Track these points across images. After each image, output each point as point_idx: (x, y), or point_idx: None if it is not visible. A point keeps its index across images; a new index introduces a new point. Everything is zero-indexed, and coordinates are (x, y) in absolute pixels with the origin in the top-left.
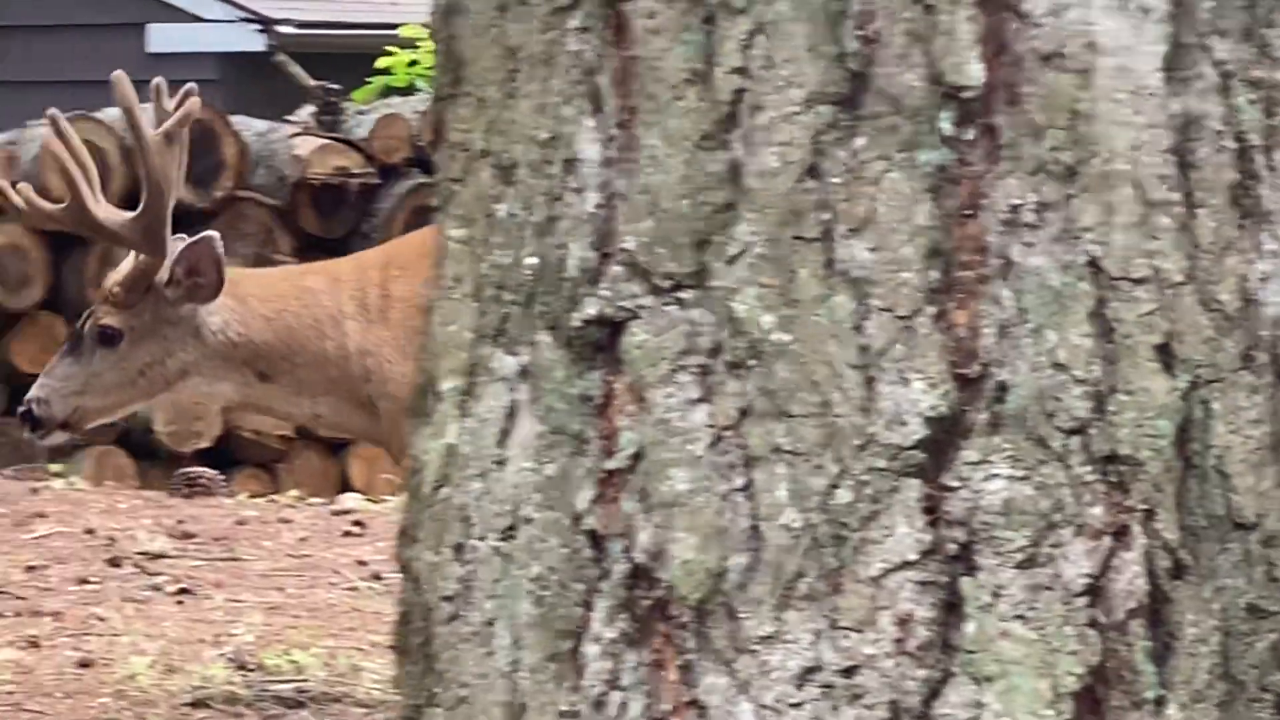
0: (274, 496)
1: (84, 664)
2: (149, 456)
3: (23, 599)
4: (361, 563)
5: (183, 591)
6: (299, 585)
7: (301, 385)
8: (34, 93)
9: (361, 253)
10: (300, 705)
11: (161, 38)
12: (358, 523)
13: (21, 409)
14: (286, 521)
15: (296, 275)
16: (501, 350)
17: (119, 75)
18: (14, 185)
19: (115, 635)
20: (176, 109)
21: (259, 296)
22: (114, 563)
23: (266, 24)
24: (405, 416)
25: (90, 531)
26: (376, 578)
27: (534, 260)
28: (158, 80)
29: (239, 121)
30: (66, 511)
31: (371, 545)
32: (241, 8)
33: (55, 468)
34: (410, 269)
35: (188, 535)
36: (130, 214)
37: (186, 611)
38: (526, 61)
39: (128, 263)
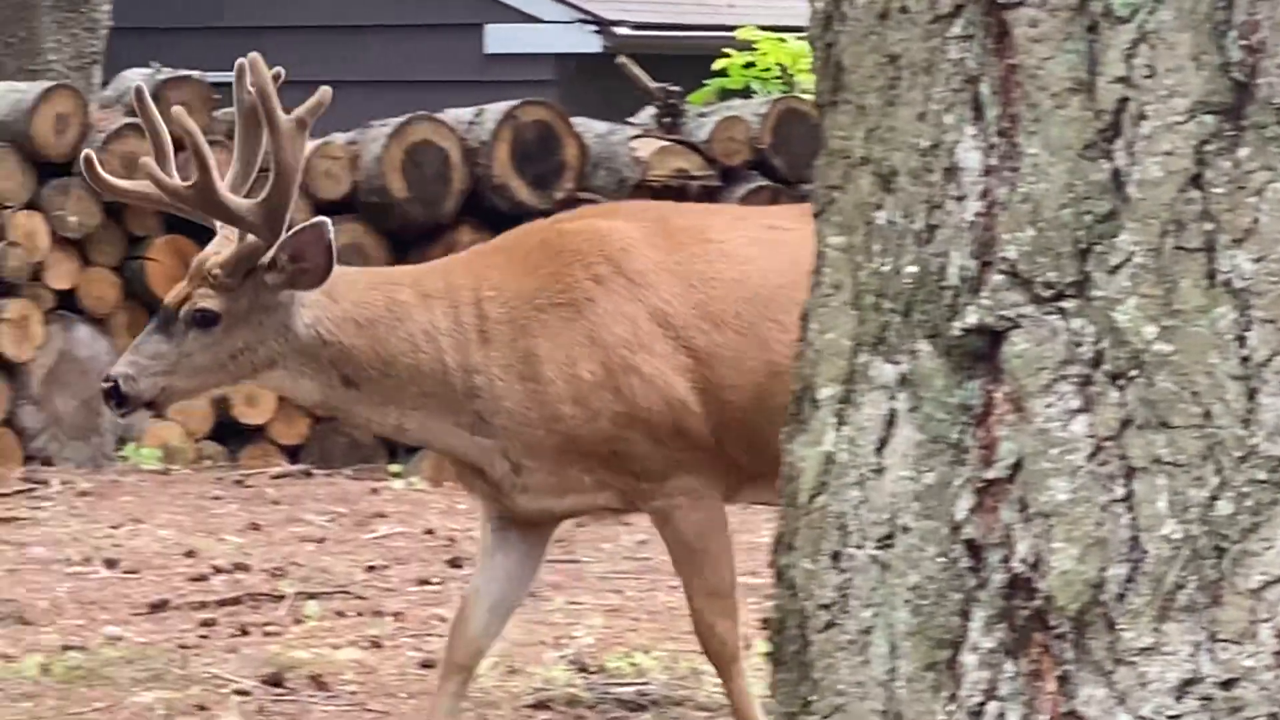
0: None
1: (426, 664)
2: None
3: (364, 599)
4: None
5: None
6: (639, 588)
7: (389, 396)
8: (374, 93)
9: (446, 265)
10: (641, 709)
11: (499, 39)
12: None
13: (106, 384)
14: (625, 524)
15: (387, 285)
16: (880, 358)
17: (254, 57)
18: (355, 183)
19: None
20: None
21: (352, 300)
22: (454, 563)
23: (603, 25)
24: (525, 435)
25: (430, 532)
26: None
27: (914, 268)
28: (252, 56)
29: (579, 123)
30: (406, 512)
31: None
32: (579, 9)
33: (395, 468)
34: (502, 290)
35: None
36: (252, 200)
37: (526, 614)
38: (907, 69)
39: (228, 244)
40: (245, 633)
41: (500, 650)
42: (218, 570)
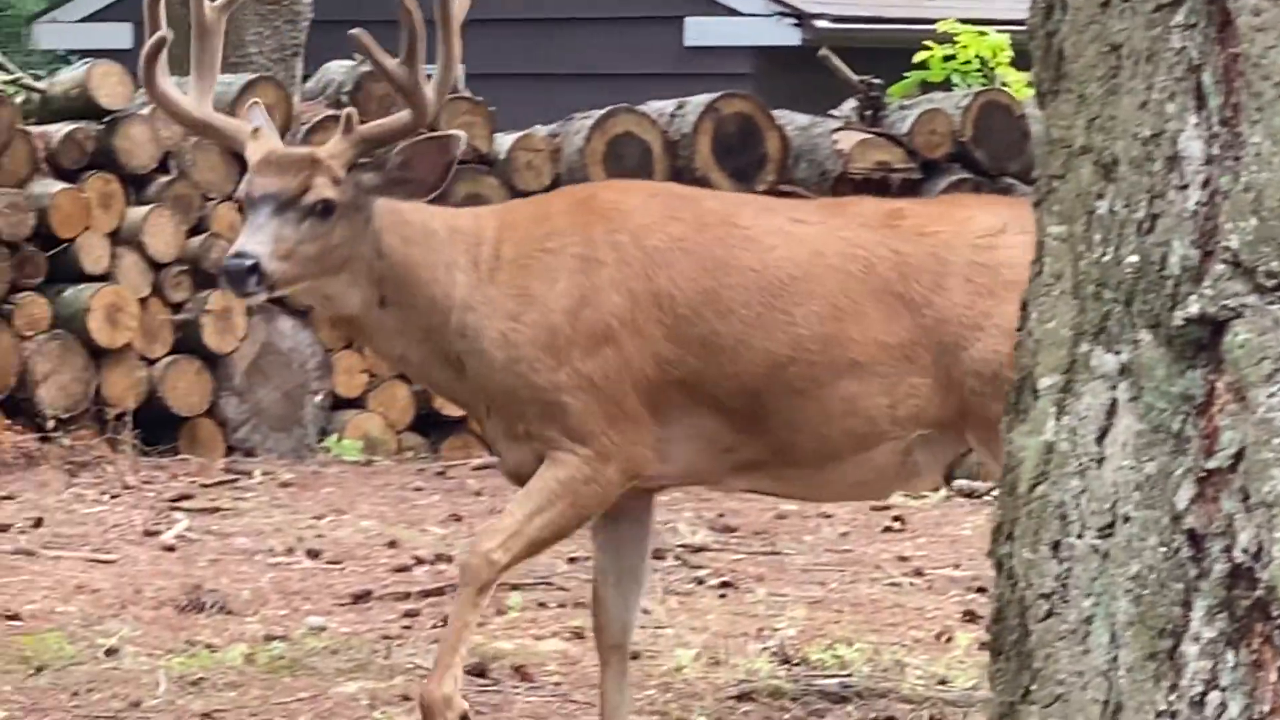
0: None
1: (630, 656)
2: None
3: (566, 590)
4: (903, 558)
5: (725, 585)
6: (841, 580)
7: (405, 324)
8: (575, 86)
9: (481, 209)
10: (844, 700)
11: (698, 31)
12: (898, 518)
13: (243, 260)
14: (827, 516)
15: (426, 214)
16: (1101, 348)
17: (359, 31)
18: (557, 175)
19: (660, 628)
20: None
21: (405, 220)
22: (657, 555)
23: (803, 18)
24: (496, 379)
25: None
26: (918, 574)
27: (1135, 258)
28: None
29: (781, 115)
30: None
31: (912, 541)
32: (778, 1)
33: None
34: (521, 231)
35: (729, 529)
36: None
37: (729, 605)
38: (1129, 58)
39: (336, 139)
40: (448, 623)
41: (702, 642)
42: (420, 561)
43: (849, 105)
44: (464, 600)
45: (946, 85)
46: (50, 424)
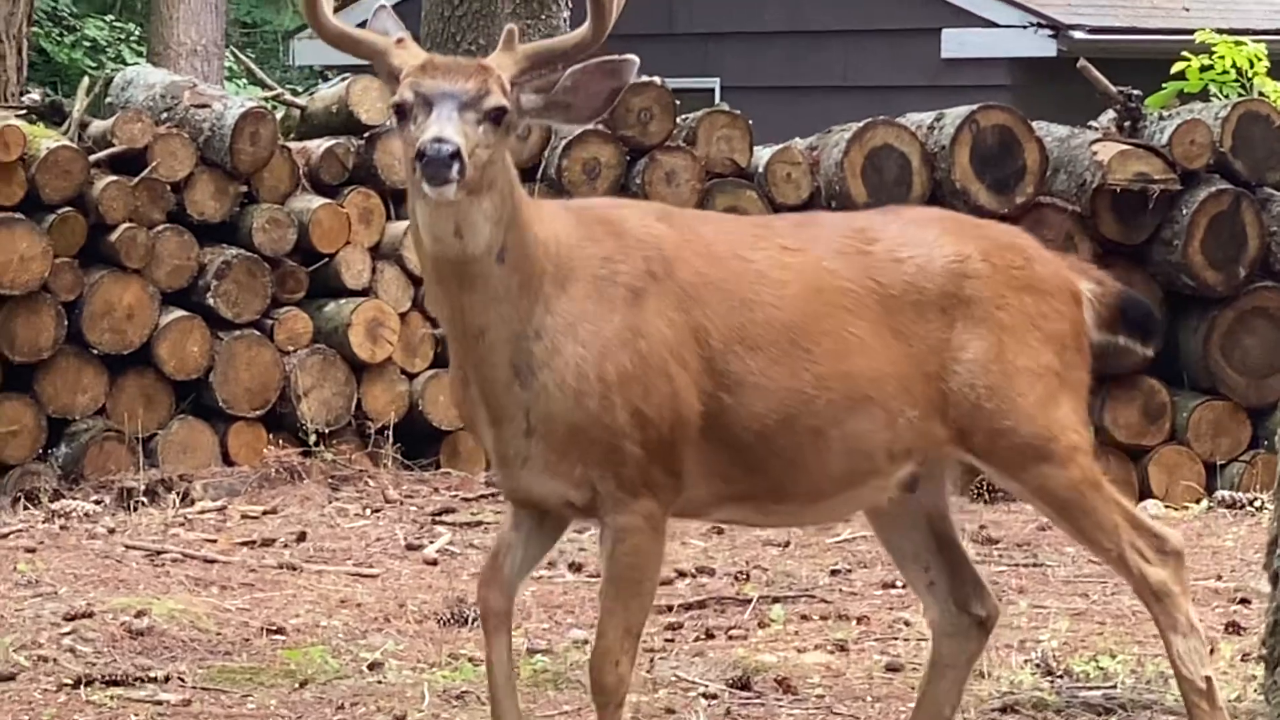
0: None
1: (892, 668)
2: None
3: (828, 602)
4: None
5: None
6: (1103, 592)
7: (507, 292)
8: (833, 98)
9: (582, 211)
10: (1109, 712)
11: (956, 43)
12: None
13: (434, 145)
14: None
15: (538, 207)
16: None
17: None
18: (816, 188)
19: (921, 640)
20: None
21: (529, 209)
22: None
23: (1059, 29)
24: (566, 406)
25: None
26: None
27: None
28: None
29: (1039, 127)
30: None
31: None
32: (1035, 13)
33: None
34: (567, 240)
35: (991, 541)
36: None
37: None
38: None
39: (505, 53)
40: (711, 636)
41: None
42: (682, 574)
43: (1107, 116)
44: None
45: (1204, 95)
46: (312, 439)
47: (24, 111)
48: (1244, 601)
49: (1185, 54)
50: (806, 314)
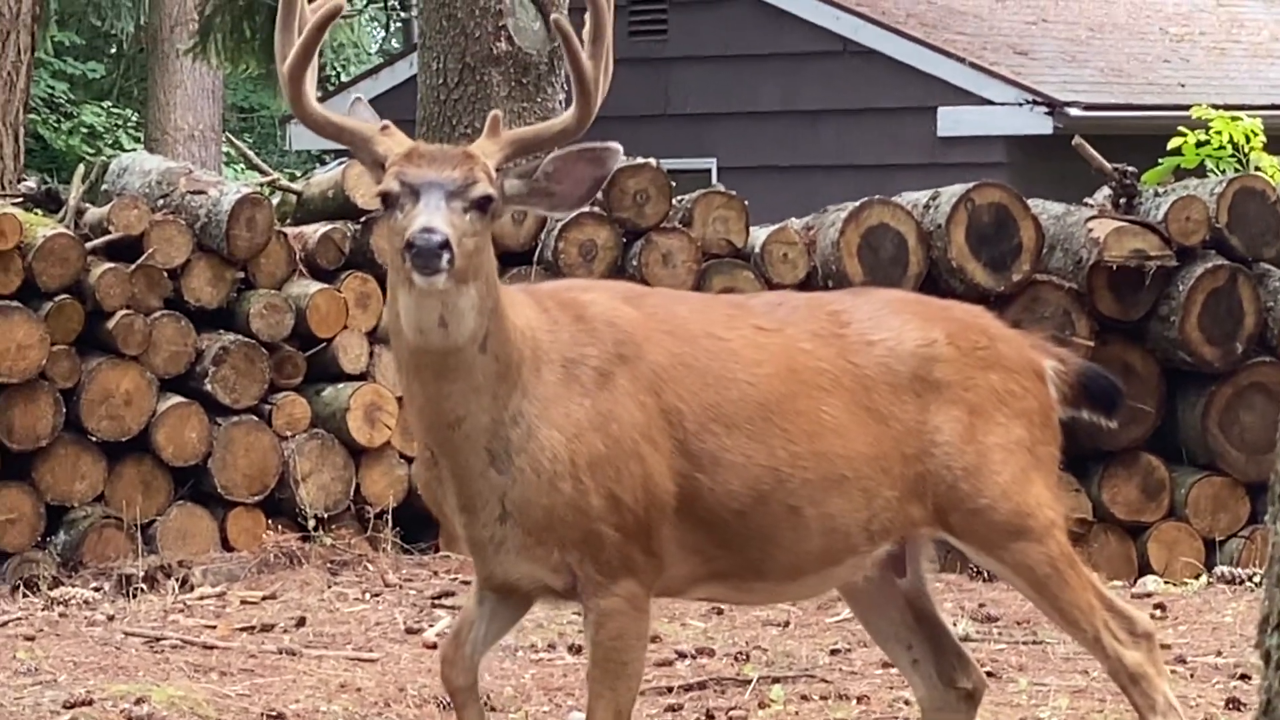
0: None
1: None
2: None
3: (828, 682)
4: (1164, 646)
5: (988, 675)
6: (1103, 669)
7: (485, 380)
8: (829, 177)
9: (548, 295)
10: None
11: (951, 121)
12: (1159, 606)
13: (423, 236)
14: None
15: (509, 293)
16: None
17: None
18: (812, 268)
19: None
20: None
21: (504, 296)
22: None
23: (1055, 106)
24: (540, 489)
25: None
26: (1181, 661)
27: None
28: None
29: (1035, 204)
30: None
31: (1174, 628)
32: (1030, 90)
33: None
34: (541, 327)
35: (990, 619)
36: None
37: (992, 695)
38: None
39: (488, 140)
40: (711, 717)
41: None
42: (682, 655)
43: (1103, 193)
44: None
45: (1201, 171)
46: (311, 523)
47: (20, 199)
48: (1244, 677)
49: (1181, 129)
50: (782, 393)
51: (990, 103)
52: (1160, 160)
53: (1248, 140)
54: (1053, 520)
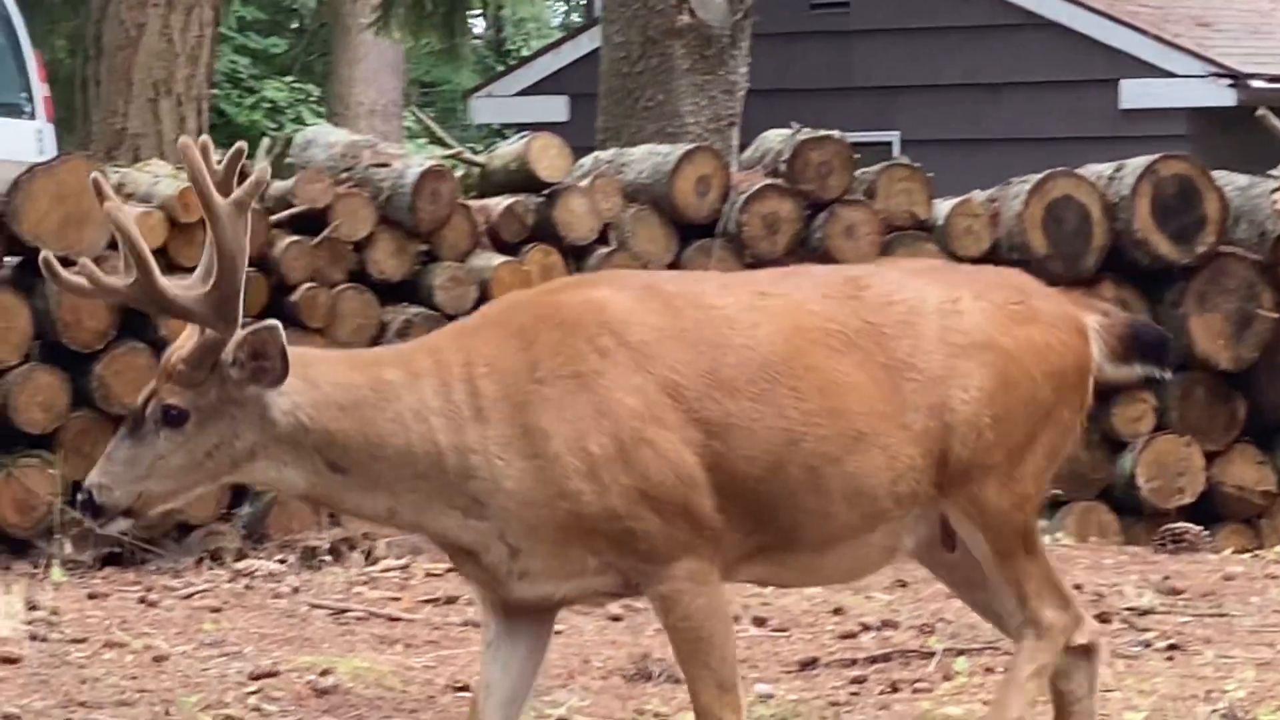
0: (1259, 552)
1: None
2: (1131, 512)
3: (1012, 655)
4: None
5: (1172, 648)
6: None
7: (379, 480)
8: (1012, 150)
9: (433, 342)
10: None
11: (1134, 94)
12: None
13: (81, 496)
14: (1273, 577)
15: (372, 365)
16: None
17: (185, 142)
18: (996, 240)
19: (1108, 691)
20: (230, 174)
21: (333, 383)
22: (1102, 618)
23: (1238, 79)
24: (540, 515)
25: (1078, 587)
26: None
27: None
28: (183, 141)
29: (1220, 176)
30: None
31: None
32: (1213, 63)
33: (1040, 523)
34: (499, 366)
35: (1175, 591)
36: (200, 289)
37: (1176, 668)
38: None
39: (191, 338)
40: (895, 689)
41: (1150, 705)
42: (866, 628)
43: None
44: None
45: None
46: None
47: None
48: None
49: None
50: (786, 352)
51: (1173, 75)
52: None
53: None
54: (1030, 495)
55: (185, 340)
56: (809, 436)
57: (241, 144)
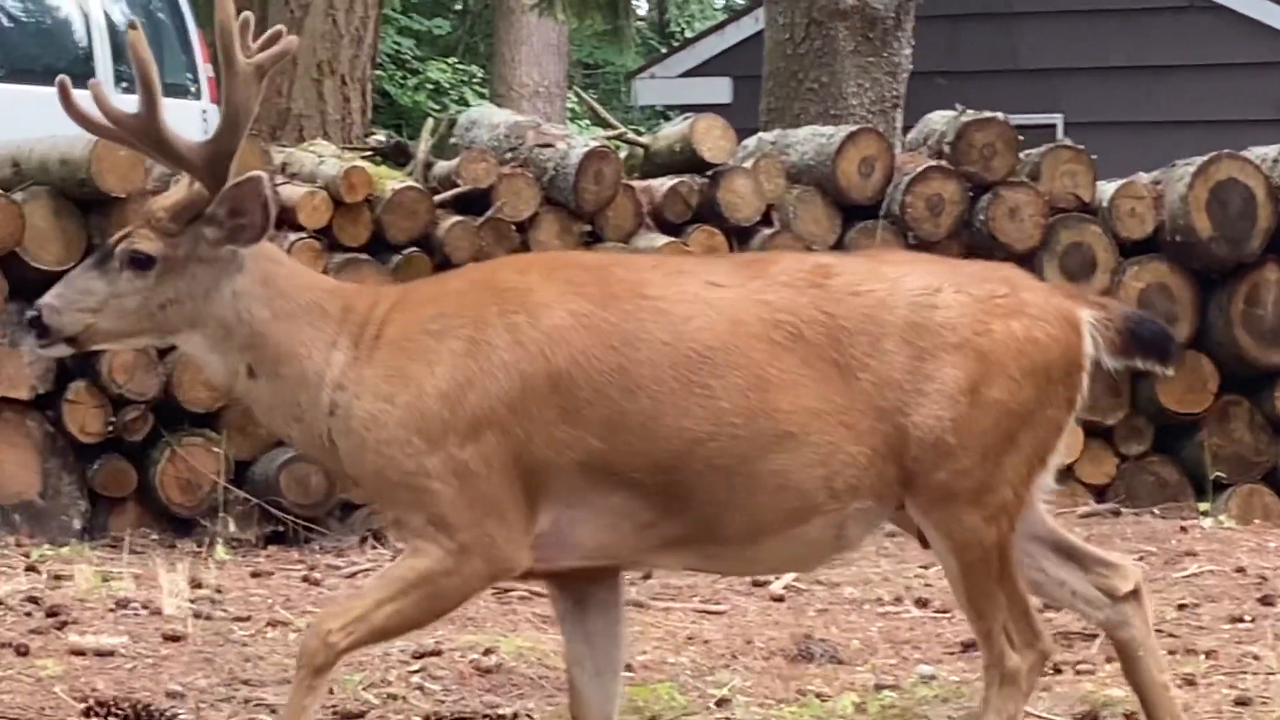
0: None
1: (1240, 702)
2: None
3: (1175, 637)
4: None
5: None
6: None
7: (276, 398)
8: (1176, 132)
9: (384, 288)
10: None
11: None
12: None
13: (31, 313)
14: None
15: (320, 290)
16: None
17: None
18: (1160, 223)
19: (1270, 674)
20: (265, 46)
21: (280, 290)
22: (1266, 601)
23: None
24: (365, 459)
25: (1241, 570)
26: None
27: None
28: (244, 15)
29: None
30: (1216, 550)
31: None
32: None
33: (1203, 506)
34: (410, 312)
35: None
36: (199, 141)
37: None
38: None
39: (179, 189)
40: (1058, 671)
41: None
42: None
43: None
44: (299, 683)
45: None
46: None
47: (369, 153)
48: None
49: None
50: (711, 348)
51: None
52: None
53: None
54: (1007, 504)
55: (174, 191)
56: (719, 436)
57: (280, 28)
